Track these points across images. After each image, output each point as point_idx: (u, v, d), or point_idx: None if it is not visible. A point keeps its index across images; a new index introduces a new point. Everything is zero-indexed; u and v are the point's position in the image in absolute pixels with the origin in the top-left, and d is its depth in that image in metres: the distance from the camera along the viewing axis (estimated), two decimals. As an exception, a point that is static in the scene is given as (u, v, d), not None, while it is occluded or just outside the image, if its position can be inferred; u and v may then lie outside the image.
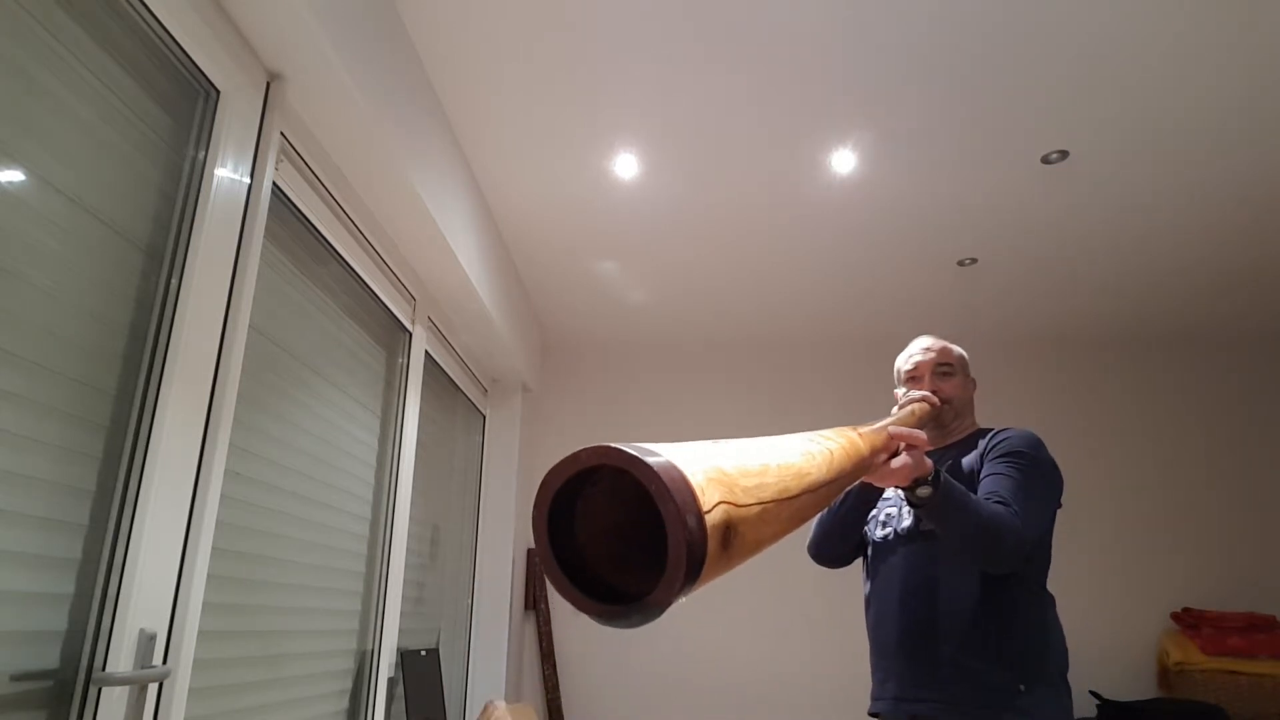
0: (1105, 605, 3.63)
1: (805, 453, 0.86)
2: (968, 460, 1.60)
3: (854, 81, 2.20)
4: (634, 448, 0.58)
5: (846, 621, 3.53)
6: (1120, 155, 2.50)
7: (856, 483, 1.38)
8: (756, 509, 0.67)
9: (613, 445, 0.57)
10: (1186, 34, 1.99)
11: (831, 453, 0.94)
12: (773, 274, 3.43)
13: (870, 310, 3.78)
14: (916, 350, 1.75)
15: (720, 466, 0.65)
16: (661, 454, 0.59)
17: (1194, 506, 3.77)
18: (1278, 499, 3.74)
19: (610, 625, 0.60)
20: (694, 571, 0.56)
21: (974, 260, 3.25)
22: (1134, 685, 3.53)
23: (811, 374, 4.14)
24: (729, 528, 0.61)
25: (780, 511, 0.73)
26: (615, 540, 0.64)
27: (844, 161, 2.58)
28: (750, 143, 2.50)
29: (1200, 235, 2.99)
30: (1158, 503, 3.79)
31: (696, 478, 0.59)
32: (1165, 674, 3.47)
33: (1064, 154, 2.50)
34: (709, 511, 0.58)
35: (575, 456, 0.58)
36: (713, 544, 0.58)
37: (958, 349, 1.76)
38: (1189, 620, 3.49)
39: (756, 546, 0.69)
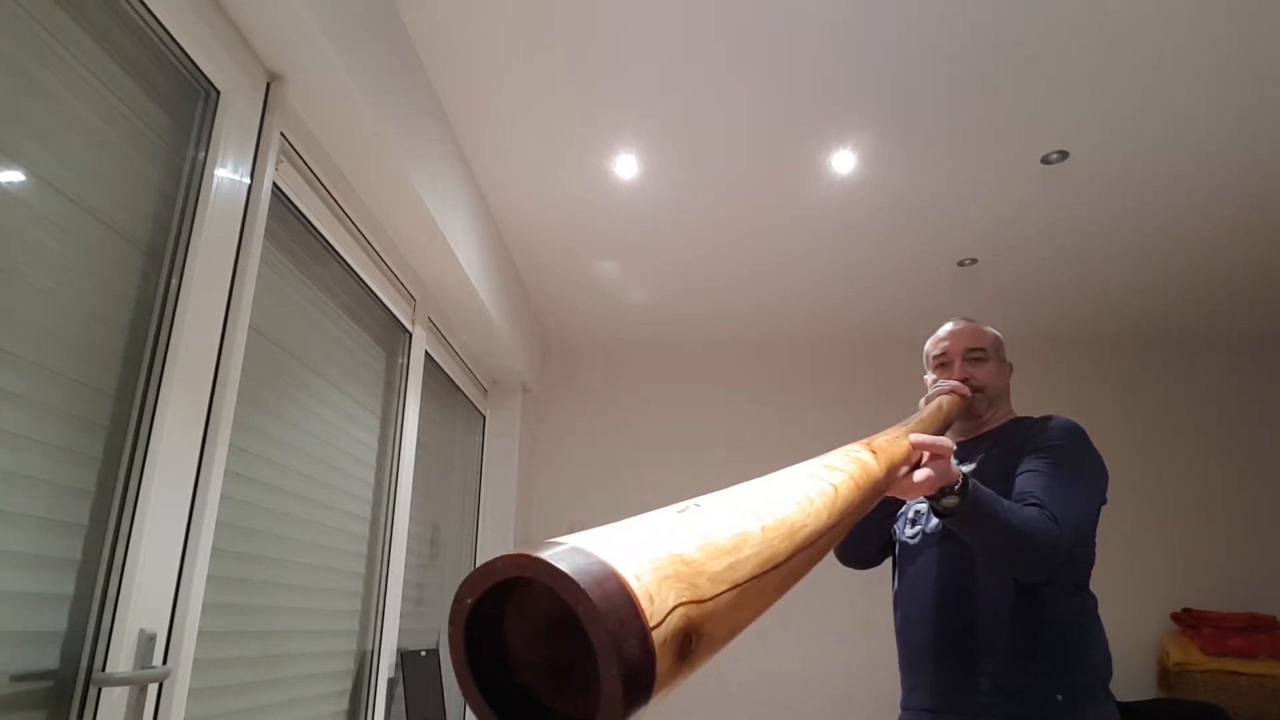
0: (1105, 606, 3.58)
1: (803, 499, 0.74)
2: (1004, 453, 1.48)
3: (854, 82, 2.20)
4: (565, 550, 0.48)
5: (857, 620, 3.54)
6: (1120, 155, 2.50)
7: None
8: (730, 595, 0.56)
9: (533, 554, 0.47)
10: (1186, 34, 1.99)
11: (836, 490, 0.82)
12: (773, 274, 3.43)
13: (870, 310, 3.78)
14: (944, 334, 1.62)
15: (680, 554, 0.54)
16: (599, 552, 0.49)
17: (1194, 507, 3.77)
18: (1278, 499, 3.74)
19: None
20: (638, 701, 0.47)
21: (974, 260, 3.24)
22: (1134, 686, 3.53)
23: (812, 374, 4.13)
24: (688, 635, 0.51)
25: (763, 586, 0.62)
26: (555, 639, 0.54)
27: (844, 162, 2.58)
28: (750, 143, 2.50)
29: (1200, 235, 2.99)
30: (1157, 503, 3.79)
31: (644, 580, 0.49)
32: (1165, 674, 3.47)
33: (1064, 154, 2.50)
34: (659, 625, 0.48)
35: (490, 566, 0.49)
36: (664, 663, 0.48)
37: (991, 331, 1.62)
38: (1189, 621, 3.49)
39: (730, 637, 0.58)
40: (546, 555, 0.47)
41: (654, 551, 0.52)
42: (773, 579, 0.63)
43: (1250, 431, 3.85)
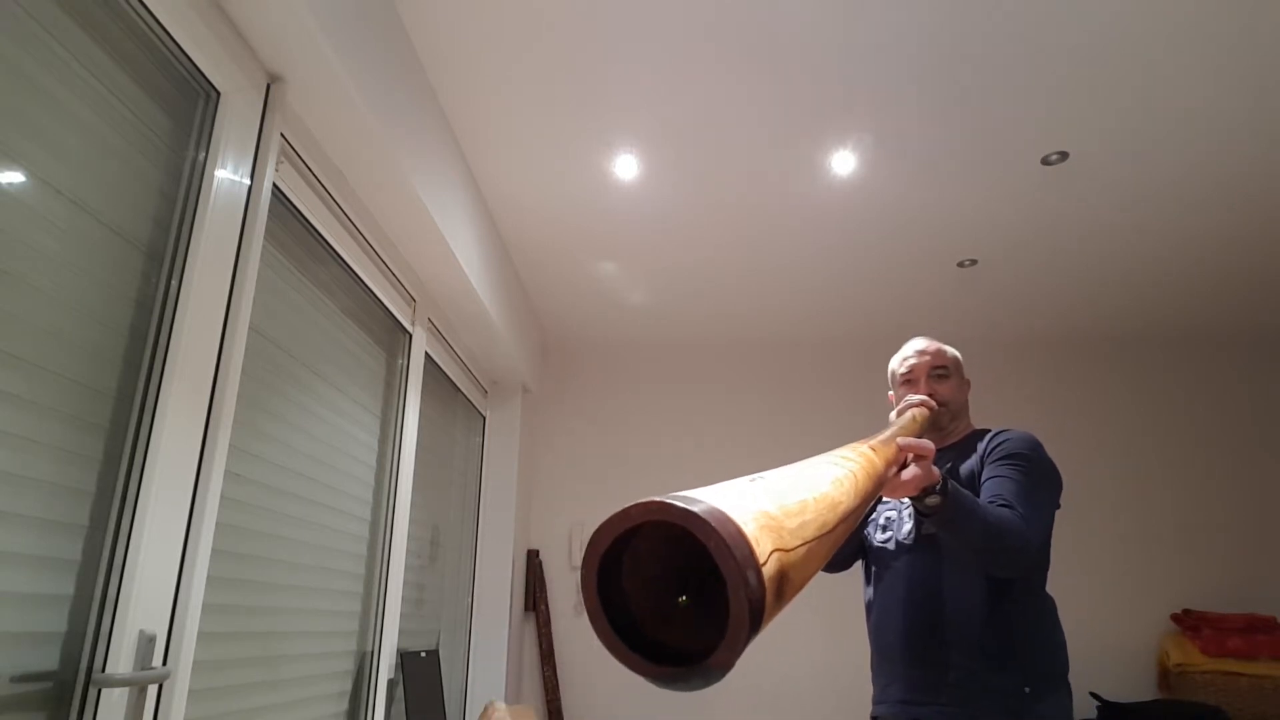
0: (1105, 607, 3.63)
1: (834, 480, 0.84)
2: (966, 463, 1.61)
3: (854, 83, 2.20)
4: (682, 499, 0.54)
5: (852, 621, 3.53)
6: (1120, 155, 2.50)
7: None
8: (802, 550, 0.65)
9: (663, 500, 0.54)
10: (1186, 34, 1.99)
11: (855, 475, 0.92)
12: (773, 275, 3.43)
13: (870, 311, 3.78)
14: (911, 353, 1.75)
15: (767, 510, 0.62)
16: (708, 501, 0.55)
17: (1194, 507, 3.77)
18: (1278, 499, 3.74)
19: (670, 689, 0.57)
20: (755, 628, 0.54)
21: (974, 261, 3.25)
22: (1134, 687, 3.53)
23: (811, 375, 4.14)
24: (782, 576, 0.59)
25: (821, 548, 0.71)
26: (655, 591, 0.62)
27: (844, 163, 2.58)
28: (750, 144, 2.50)
29: (1200, 236, 2.99)
30: (1158, 504, 3.79)
31: (750, 528, 0.56)
32: (1165, 675, 3.47)
33: (1064, 155, 2.50)
34: (765, 563, 0.56)
35: (626, 513, 0.55)
36: (769, 596, 0.56)
37: (952, 350, 1.76)
38: (1189, 622, 3.49)
39: (802, 587, 0.66)
40: (674, 502, 0.54)
41: (749, 506, 0.60)
42: (825, 543, 0.73)
43: (1251, 431, 3.85)
